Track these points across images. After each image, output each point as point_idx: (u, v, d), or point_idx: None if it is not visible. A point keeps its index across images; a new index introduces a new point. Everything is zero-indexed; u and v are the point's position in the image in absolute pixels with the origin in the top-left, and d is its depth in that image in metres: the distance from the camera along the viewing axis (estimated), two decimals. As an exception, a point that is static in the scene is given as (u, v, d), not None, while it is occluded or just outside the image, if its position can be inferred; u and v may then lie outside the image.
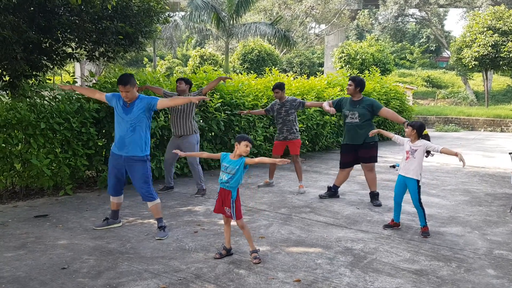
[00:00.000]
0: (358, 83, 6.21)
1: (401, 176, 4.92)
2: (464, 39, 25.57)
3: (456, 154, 4.65)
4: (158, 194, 4.93)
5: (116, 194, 4.92)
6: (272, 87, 7.14)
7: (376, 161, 6.24)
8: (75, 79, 7.02)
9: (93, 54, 7.95)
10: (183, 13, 29.99)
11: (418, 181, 4.81)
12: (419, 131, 4.83)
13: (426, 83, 39.30)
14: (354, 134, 6.12)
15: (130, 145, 4.65)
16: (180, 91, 6.51)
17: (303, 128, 10.47)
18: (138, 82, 7.16)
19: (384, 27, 43.17)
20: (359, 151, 6.17)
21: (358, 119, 6.11)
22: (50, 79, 8.28)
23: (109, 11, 7.05)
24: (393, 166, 9.39)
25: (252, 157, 4.10)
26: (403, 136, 5.19)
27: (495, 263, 4.03)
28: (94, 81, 7.15)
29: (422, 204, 4.81)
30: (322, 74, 23.79)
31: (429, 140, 4.87)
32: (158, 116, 7.35)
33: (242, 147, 3.88)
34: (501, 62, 24.36)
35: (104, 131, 7.07)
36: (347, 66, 25.21)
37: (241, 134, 4.00)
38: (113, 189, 4.89)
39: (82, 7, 6.58)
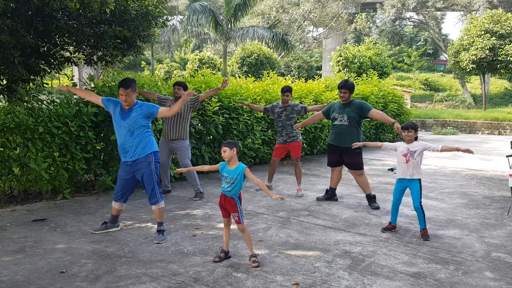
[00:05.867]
0: (352, 90, 6.27)
1: (403, 180, 4.89)
2: (462, 42, 25.67)
3: (457, 149, 4.68)
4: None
5: (118, 200, 4.92)
6: (282, 88, 7.09)
7: (362, 168, 6.26)
8: (74, 83, 7.03)
9: (91, 58, 7.96)
10: (181, 17, 30.05)
11: (420, 180, 4.81)
12: (417, 131, 4.86)
13: (424, 86, 39.40)
14: (341, 136, 6.16)
15: (131, 149, 4.68)
16: (178, 98, 6.52)
17: (301, 131, 10.47)
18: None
19: (381, 30, 43.28)
20: (344, 156, 6.22)
21: (347, 122, 6.14)
22: (48, 83, 8.28)
23: (107, 15, 7.06)
24: (391, 169, 9.40)
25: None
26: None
27: (493, 265, 4.04)
28: (92, 85, 7.14)
29: (422, 207, 4.81)
30: (320, 77, 23.85)
31: (416, 139, 4.88)
32: (156, 120, 7.36)
33: (222, 154, 3.98)
34: (498, 65, 24.44)
35: (102, 135, 7.06)
36: (345, 69, 25.24)
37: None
38: (120, 195, 4.90)
39: (80, 11, 6.58)
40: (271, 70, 22.92)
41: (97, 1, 6.16)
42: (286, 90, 7.02)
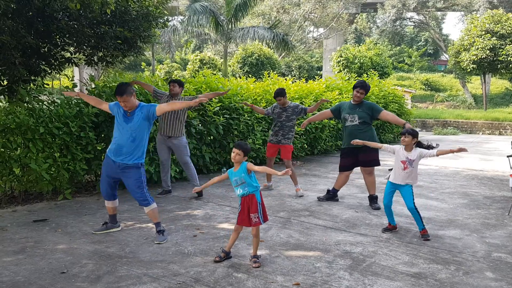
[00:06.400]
0: (367, 91, 6.26)
1: (394, 184, 4.90)
2: (462, 43, 25.69)
3: (451, 151, 4.68)
4: (156, 198, 4.92)
5: (109, 198, 4.91)
6: (273, 94, 7.08)
7: (378, 164, 6.25)
8: (74, 83, 7.03)
9: (92, 58, 7.96)
10: (181, 17, 30.06)
11: (411, 186, 4.84)
12: (417, 138, 4.86)
13: (424, 87, 39.38)
14: (354, 137, 6.11)
15: (127, 154, 4.63)
16: (173, 94, 6.52)
17: (302, 132, 10.47)
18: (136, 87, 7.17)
19: (382, 30, 43.29)
20: (360, 155, 6.17)
21: (358, 121, 6.13)
22: (48, 84, 8.29)
23: (108, 16, 7.07)
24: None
25: (251, 161, 4.13)
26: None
27: (493, 266, 4.03)
28: (93, 86, 7.15)
29: (417, 207, 4.81)
30: (321, 77, 23.86)
31: (421, 145, 4.87)
32: (157, 120, 7.35)
33: (233, 156, 4.01)
34: (499, 65, 24.46)
35: (103, 135, 7.07)
36: (346, 70, 25.26)
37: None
38: (105, 194, 4.88)
39: (81, 12, 6.59)
40: (271, 71, 22.93)
41: (97, 2, 6.17)
42: (277, 95, 6.95)
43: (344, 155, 6.40)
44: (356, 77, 20.85)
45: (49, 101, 6.67)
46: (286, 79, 11.81)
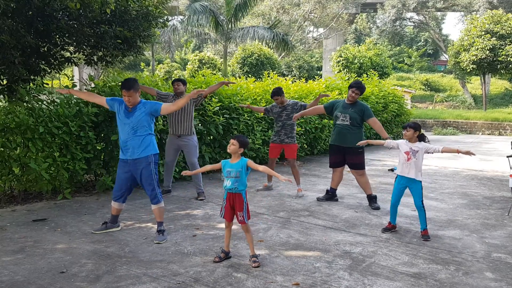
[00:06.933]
0: (362, 92, 6.29)
1: (403, 177, 4.89)
2: (462, 43, 25.69)
3: (457, 151, 4.68)
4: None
5: (118, 200, 4.92)
6: (270, 94, 7.09)
7: (363, 168, 6.28)
8: (74, 83, 7.03)
9: (92, 58, 7.95)
10: (181, 17, 30.06)
11: (421, 182, 4.83)
12: (420, 131, 4.86)
13: (424, 87, 39.39)
14: (343, 136, 6.17)
15: (132, 147, 4.68)
16: (179, 93, 6.52)
17: (302, 132, 10.47)
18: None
19: (382, 30, 43.32)
20: (347, 156, 6.23)
21: (349, 122, 6.15)
22: (48, 83, 8.27)
23: (108, 16, 7.06)
24: (392, 170, 9.40)
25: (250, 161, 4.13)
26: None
27: (493, 266, 4.03)
28: (92, 85, 7.14)
29: (424, 205, 4.82)
30: (321, 77, 23.86)
31: (425, 138, 4.88)
32: (157, 120, 7.35)
33: (229, 146, 4.04)
34: (499, 66, 24.46)
35: (102, 135, 7.06)
36: (345, 70, 25.25)
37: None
38: (118, 195, 4.90)
39: (81, 11, 6.58)
40: (271, 71, 22.92)
41: (97, 1, 6.16)
42: (274, 94, 6.98)
43: (332, 151, 6.47)
44: (355, 77, 20.84)
45: (49, 101, 6.67)
46: (286, 79, 11.80)
